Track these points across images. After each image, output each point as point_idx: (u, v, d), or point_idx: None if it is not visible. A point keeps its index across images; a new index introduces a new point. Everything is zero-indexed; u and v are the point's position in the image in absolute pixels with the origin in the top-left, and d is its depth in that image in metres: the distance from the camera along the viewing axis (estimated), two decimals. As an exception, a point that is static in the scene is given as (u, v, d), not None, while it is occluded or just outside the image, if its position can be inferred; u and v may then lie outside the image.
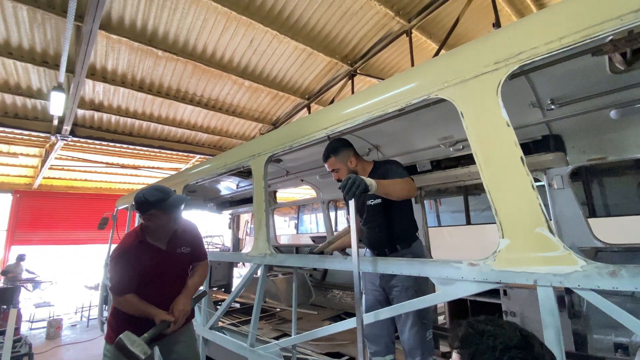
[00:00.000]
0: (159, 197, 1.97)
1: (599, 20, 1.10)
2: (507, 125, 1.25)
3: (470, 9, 5.32)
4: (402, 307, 1.65)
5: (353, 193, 1.51)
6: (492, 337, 0.78)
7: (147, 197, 1.96)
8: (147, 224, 2.03)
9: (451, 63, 1.50)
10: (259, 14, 5.25)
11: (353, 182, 1.52)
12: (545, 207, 1.19)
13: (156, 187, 2.05)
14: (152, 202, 1.95)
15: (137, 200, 1.98)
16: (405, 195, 1.85)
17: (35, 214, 10.57)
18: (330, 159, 2.19)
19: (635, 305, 2.58)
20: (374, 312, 1.77)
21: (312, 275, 5.44)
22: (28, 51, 5.14)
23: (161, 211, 1.98)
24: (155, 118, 7.38)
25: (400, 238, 2.09)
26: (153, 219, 1.99)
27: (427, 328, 1.97)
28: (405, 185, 1.86)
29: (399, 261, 1.65)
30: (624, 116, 2.42)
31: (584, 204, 5.40)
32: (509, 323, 0.84)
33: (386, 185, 1.74)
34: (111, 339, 1.99)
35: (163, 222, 2.02)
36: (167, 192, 2.03)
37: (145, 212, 1.97)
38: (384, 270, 1.76)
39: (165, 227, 2.06)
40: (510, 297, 2.85)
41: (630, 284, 0.99)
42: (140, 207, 1.98)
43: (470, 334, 0.82)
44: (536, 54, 1.21)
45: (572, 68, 2.05)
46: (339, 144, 2.21)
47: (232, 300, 2.76)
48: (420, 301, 1.55)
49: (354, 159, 2.20)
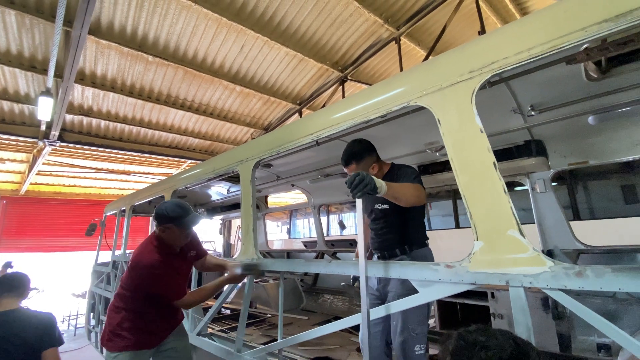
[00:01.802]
0: (179, 214, 2.11)
1: (565, 32, 1.15)
2: (481, 132, 1.29)
3: (457, 17, 5.45)
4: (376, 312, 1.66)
5: (360, 190, 1.41)
6: (485, 349, 0.74)
7: (168, 212, 2.11)
8: (161, 235, 2.16)
9: (429, 72, 1.55)
10: (249, 21, 5.30)
11: (361, 179, 1.41)
12: (528, 210, 1.23)
13: (177, 203, 2.19)
14: (172, 217, 2.10)
15: (159, 213, 2.13)
16: (413, 202, 1.74)
17: (23, 221, 10.39)
18: (351, 165, 2.02)
19: (618, 306, 2.65)
20: (358, 314, 1.79)
21: (303, 280, 5.44)
22: (16, 56, 5.10)
23: (177, 227, 2.12)
24: (146, 123, 7.35)
25: (402, 243, 2.02)
26: (167, 232, 2.13)
27: (417, 341, 1.86)
28: (415, 192, 1.75)
29: (377, 264, 1.68)
30: (602, 122, 2.50)
31: (568, 207, 5.51)
32: (502, 332, 0.79)
33: (396, 190, 1.63)
34: (119, 347, 2.07)
35: (176, 237, 2.17)
36: (186, 209, 2.17)
37: (163, 224, 2.11)
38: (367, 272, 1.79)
39: (177, 241, 2.20)
40: (498, 300, 2.89)
41: (595, 284, 1.04)
42: (160, 219, 2.12)
43: (462, 346, 0.77)
44: (507, 63, 1.26)
45: (550, 75, 2.13)
46: (362, 149, 2.04)
47: (220, 305, 2.76)
48: (398, 304, 1.57)
49: (376, 166, 2.05)
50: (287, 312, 4.59)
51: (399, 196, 1.65)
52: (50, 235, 10.87)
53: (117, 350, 2.07)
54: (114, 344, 2.08)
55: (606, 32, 1.08)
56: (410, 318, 1.86)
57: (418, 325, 1.87)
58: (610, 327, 1.01)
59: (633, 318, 2.50)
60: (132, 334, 2.10)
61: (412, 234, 2.04)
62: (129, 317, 2.12)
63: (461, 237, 6.76)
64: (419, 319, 1.88)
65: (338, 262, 1.96)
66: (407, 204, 1.74)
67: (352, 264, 1.87)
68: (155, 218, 2.14)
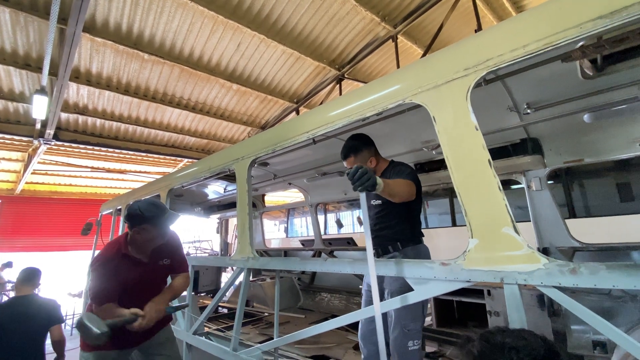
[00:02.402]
0: (155, 213, 1.95)
1: (560, 29, 1.15)
2: (476, 129, 1.29)
3: (454, 15, 5.45)
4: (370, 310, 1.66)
5: (362, 184, 1.39)
6: (515, 351, 0.69)
7: (142, 211, 1.93)
8: (134, 237, 1.99)
9: (425, 69, 1.55)
10: (246, 18, 5.27)
11: (364, 172, 1.39)
12: (524, 208, 1.23)
13: (152, 202, 2.02)
14: (147, 217, 1.93)
15: (132, 213, 1.94)
16: (405, 197, 1.78)
17: (18, 220, 10.30)
18: (349, 158, 2.08)
19: (613, 304, 2.67)
20: (355, 312, 1.80)
21: (300, 278, 5.44)
22: (10, 54, 5.04)
23: (154, 227, 1.96)
24: (142, 122, 7.30)
25: (395, 240, 2.02)
26: (143, 232, 1.96)
27: (410, 337, 1.87)
28: (405, 187, 1.79)
29: (375, 261, 1.67)
30: (597, 120, 2.51)
31: (564, 205, 5.54)
32: (526, 331, 0.76)
33: (391, 187, 1.64)
34: (88, 347, 2.00)
35: (153, 237, 2.00)
36: (162, 208, 2.01)
37: (138, 225, 1.94)
38: (358, 271, 1.79)
39: (152, 241, 2.04)
40: (494, 297, 2.90)
41: (589, 281, 1.04)
42: (133, 220, 1.95)
43: (488, 349, 0.73)
44: (502, 61, 1.26)
45: (546, 73, 2.13)
46: (360, 142, 2.10)
47: (216, 304, 2.75)
48: (394, 301, 1.57)
49: (374, 159, 2.10)
50: (284, 311, 4.59)
51: (393, 193, 1.67)
52: (46, 234, 10.80)
53: (87, 350, 2.00)
54: (83, 342, 2.02)
55: (601, 29, 1.07)
56: (404, 315, 1.88)
57: (412, 322, 1.88)
58: (604, 324, 1.01)
59: (628, 315, 2.51)
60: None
61: (406, 231, 2.05)
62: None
63: (458, 236, 6.79)
64: (413, 315, 1.88)
65: (334, 261, 1.95)
66: (400, 200, 1.78)
67: (349, 262, 1.86)
68: (128, 219, 1.96)
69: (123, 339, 2.02)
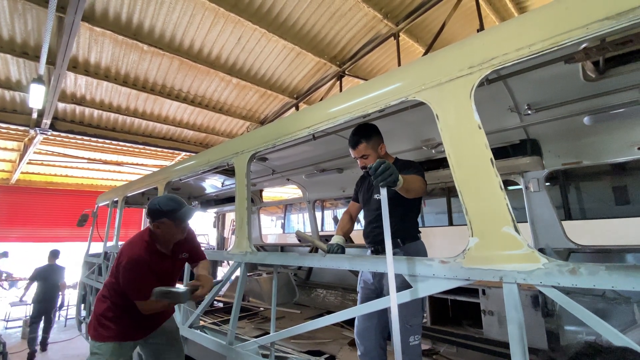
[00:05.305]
0: (172, 207, 2.07)
1: (566, 29, 1.14)
2: (479, 128, 1.29)
3: (456, 14, 5.43)
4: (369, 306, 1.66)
5: (385, 179, 1.38)
6: None
7: (161, 206, 2.07)
8: (155, 231, 2.12)
9: (428, 66, 1.54)
10: (247, 11, 5.23)
11: (387, 167, 1.38)
12: (521, 209, 1.23)
13: (170, 197, 2.14)
14: (165, 211, 2.05)
15: (151, 208, 2.08)
16: (419, 194, 1.80)
17: (13, 210, 10.23)
18: (360, 144, 2.03)
19: (606, 305, 2.70)
20: (354, 307, 1.81)
21: (296, 274, 5.45)
22: (7, 41, 4.97)
23: (172, 221, 2.08)
24: (140, 113, 7.25)
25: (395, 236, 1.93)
26: (162, 227, 2.08)
27: (411, 332, 1.88)
28: (421, 184, 1.82)
29: (371, 259, 1.68)
30: (597, 122, 2.51)
31: (561, 207, 5.58)
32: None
33: (409, 183, 1.61)
34: (103, 337, 2.06)
35: (172, 231, 2.12)
36: (180, 203, 2.13)
37: (157, 219, 2.07)
38: (357, 267, 1.79)
39: (173, 236, 2.16)
40: (488, 297, 2.92)
41: (588, 282, 1.04)
42: (153, 215, 2.08)
43: None
44: (507, 59, 1.25)
45: (548, 75, 2.13)
46: (371, 129, 2.09)
47: (213, 298, 2.75)
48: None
49: (384, 147, 2.09)
50: (280, 306, 4.59)
51: (410, 189, 1.65)
52: (41, 225, 10.73)
53: (101, 340, 2.06)
54: (98, 333, 2.08)
55: (607, 30, 1.07)
56: (405, 311, 1.88)
57: (412, 317, 1.89)
58: (602, 324, 1.01)
59: (621, 316, 2.54)
60: (116, 324, 2.08)
61: (406, 227, 2.05)
62: (113, 307, 2.11)
63: (454, 235, 6.82)
64: (413, 311, 1.89)
65: (331, 256, 1.95)
66: (415, 196, 1.78)
67: (346, 258, 1.86)
68: (149, 214, 2.10)
69: (133, 330, 2.15)
